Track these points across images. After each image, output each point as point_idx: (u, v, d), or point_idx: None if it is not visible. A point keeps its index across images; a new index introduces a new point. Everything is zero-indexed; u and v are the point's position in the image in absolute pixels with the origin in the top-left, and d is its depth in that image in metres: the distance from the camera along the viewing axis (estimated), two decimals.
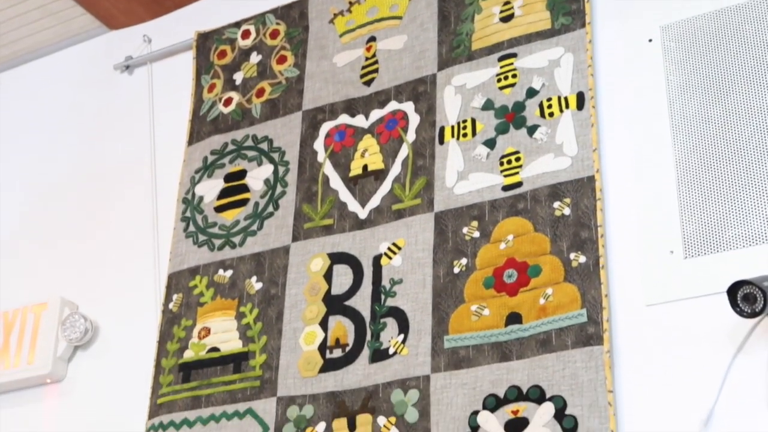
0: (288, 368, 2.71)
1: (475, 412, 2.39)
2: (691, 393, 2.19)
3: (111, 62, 3.62)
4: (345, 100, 3.00)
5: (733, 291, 2.08)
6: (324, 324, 2.72)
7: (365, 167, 2.86)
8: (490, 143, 2.69)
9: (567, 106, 2.62)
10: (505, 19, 2.80)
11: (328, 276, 2.78)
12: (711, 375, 2.18)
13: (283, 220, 2.93)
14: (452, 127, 2.76)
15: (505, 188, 2.61)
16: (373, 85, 2.97)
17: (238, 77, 3.26)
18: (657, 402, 2.22)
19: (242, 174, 3.09)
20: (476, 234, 2.59)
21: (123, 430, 2.96)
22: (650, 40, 2.58)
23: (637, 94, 2.55)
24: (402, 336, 2.58)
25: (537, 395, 2.33)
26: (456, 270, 2.58)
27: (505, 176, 2.62)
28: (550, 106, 2.64)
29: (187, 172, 3.21)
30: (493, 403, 2.38)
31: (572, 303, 2.38)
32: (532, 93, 2.68)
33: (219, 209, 3.07)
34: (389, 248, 2.71)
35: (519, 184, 2.59)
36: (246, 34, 3.29)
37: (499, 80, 2.75)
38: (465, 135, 2.73)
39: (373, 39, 3.02)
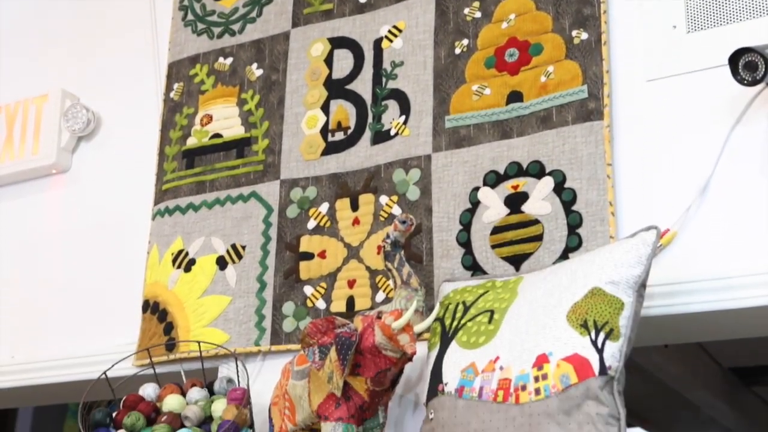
0: (290, 152, 2.74)
1: (476, 189, 2.43)
2: (689, 164, 2.22)
3: None
4: None
5: (734, 59, 2.07)
6: (325, 108, 2.73)
7: None
8: None
9: None
10: None
11: (328, 60, 2.77)
12: (709, 146, 2.20)
13: (282, 6, 2.90)
14: None
15: None
16: None
17: None
18: (655, 173, 2.26)
19: None
20: (477, 14, 2.57)
21: (129, 217, 3.02)
22: None
23: None
24: (403, 117, 2.60)
25: (537, 170, 2.36)
26: (457, 51, 2.57)
27: None
28: None
29: None
30: (494, 179, 2.41)
31: (573, 80, 2.38)
32: None
33: None
34: (390, 31, 2.69)
35: None
36: None
37: None
38: None
39: None
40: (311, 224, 2.64)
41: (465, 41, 2.56)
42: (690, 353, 5.07)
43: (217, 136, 2.88)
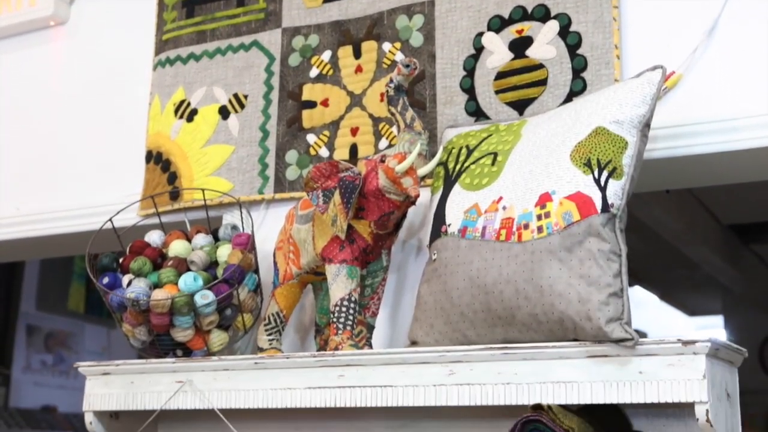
0: None
1: (480, 34, 2.40)
2: (696, 6, 2.19)
3: None
4: None
5: None
6: None
7: None
8: None
9: None
10: None
11: None
12: None
13: None
14: None
15: None
16: None
17: None
18: (661, 15, 2.23)
19: None
20: None
21: (130, 68, 3.00)
22: None
23: None
24: None
25: (542, 14, 2.33)
26: None
27: None
28: None
29: None
30: (498, 24, 2.38)
31: None
32: None
33: None
34: None
35: None
36: None
37: None
38: None
39: None
40: (313, 72, 2.62)
41: None
42: (689, 209, 5.10)
43: None
